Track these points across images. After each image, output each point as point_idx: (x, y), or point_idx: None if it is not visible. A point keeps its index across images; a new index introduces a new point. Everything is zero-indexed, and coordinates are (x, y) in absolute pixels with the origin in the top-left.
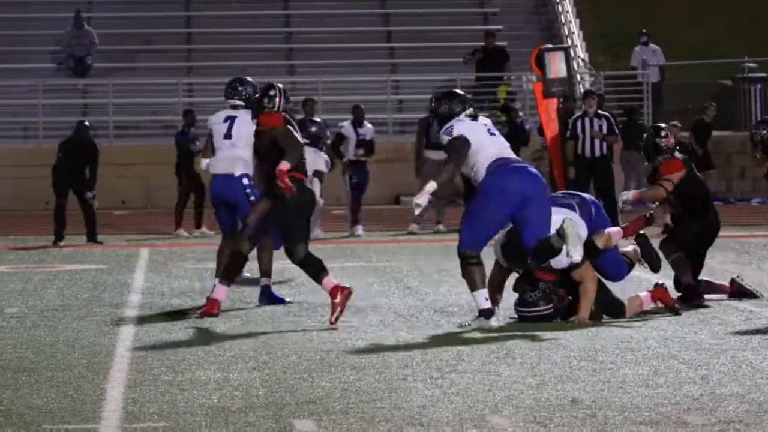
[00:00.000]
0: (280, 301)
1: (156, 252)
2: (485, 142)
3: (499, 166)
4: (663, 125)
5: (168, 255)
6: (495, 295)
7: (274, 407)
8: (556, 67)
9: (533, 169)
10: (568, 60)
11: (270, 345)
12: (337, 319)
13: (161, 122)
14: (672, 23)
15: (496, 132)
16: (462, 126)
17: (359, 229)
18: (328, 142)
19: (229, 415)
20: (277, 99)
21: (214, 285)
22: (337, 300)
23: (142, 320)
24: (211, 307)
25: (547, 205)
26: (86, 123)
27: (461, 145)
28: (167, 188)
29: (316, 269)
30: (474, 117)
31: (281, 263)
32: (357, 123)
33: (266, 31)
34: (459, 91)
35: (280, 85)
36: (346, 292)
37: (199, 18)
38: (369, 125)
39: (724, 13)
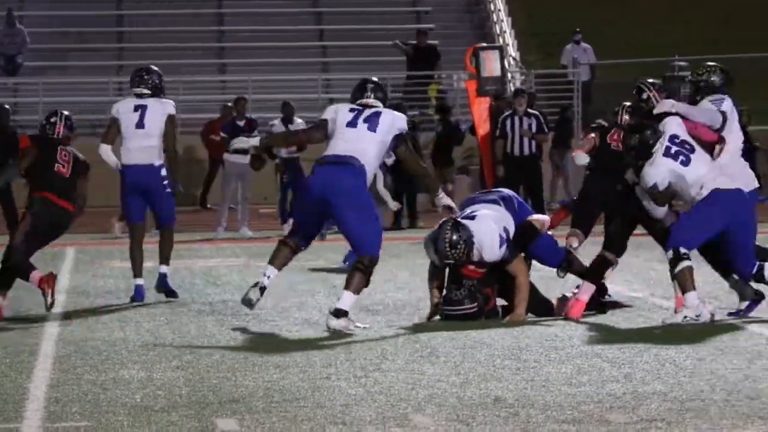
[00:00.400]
0: (173, 292)
1: (82, 251)
2: (334, 133)
3: (316, 164)
4: (628, 104)
5: (94, 254)
6: (436, 294)
7: (197, 406)
8: (491, 65)
9: (342, 168)
10: (502, 59)
11: (193, 344)
12: (51, 304)
13: (90, 121)
14: (647, 22)
15: (364, 125)
16: (330, 110)
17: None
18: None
19: (152, 414)
20: (57, 125)
21: (137, 285)
22: (48, 290)
23: (66, 320)
24: None
25: (360, 201)
26: (6, 107)
27: (318, 124)
28: (95, 187)
29: (24, 273)
30: (363, 106)
31: (211, 261)
32: (287, 120)
33: (198, 29)
34: (370, 81)
35: (66, 113)
36: (52, 280)
37: (131, 17)
38: (299, 121)
39: (699, 12)
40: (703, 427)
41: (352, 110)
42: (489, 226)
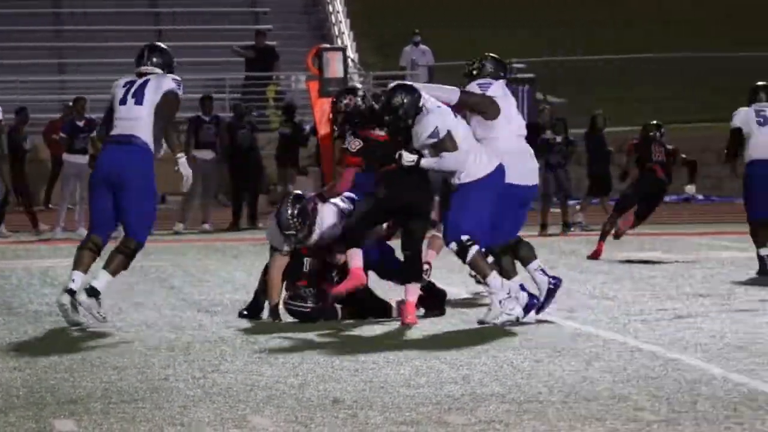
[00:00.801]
0: None
1: None
2: (114, 111)
3: (103, 144)
4: None
5: None
6: (275, 295)
7: (34, 407)
8: (334, 67)
9: (127, 148)
10: (345, 61)
11: (31, 344)
12: None
13: None
14: (486, 24)
15: (132, 101)
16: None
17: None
18: None
19: None
20: None
21: None
22: None
23: None
24: None
25: (144, 185)
26: None
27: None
28: None
29: None
30: (139, 76)
31: (48, 261)
32: None
33: (36, 29)
34: (149, 46)
35: None
36: None
37: None
38: None
39: (535, 14)
40: (541, 428)
41: (125, 85)
42: (328, 203)
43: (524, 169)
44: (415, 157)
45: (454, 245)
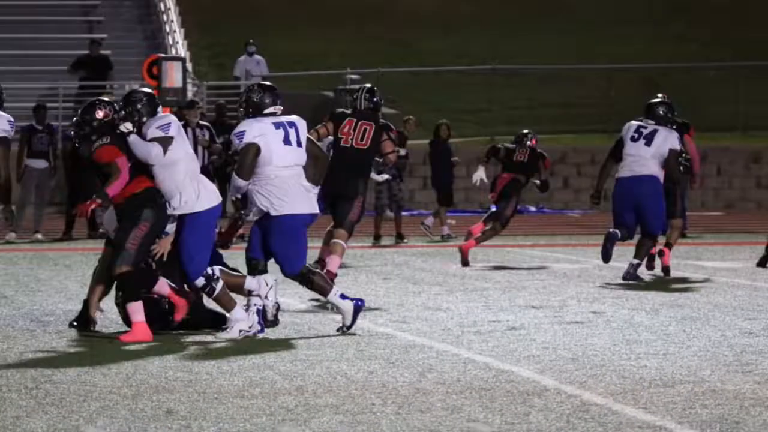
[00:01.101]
0: None
1: None
2: None
3: None
4: (368, 85)
5: None
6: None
7: None
8: (173, 76)
9: None
10: (184, 70)
11: None
12: None
13: None
14: (320, 33)
15: None
16: None
17: None
18: None
19: None
20: None
21: None
22: None
23: None
24: None
25: None
26: None
27: None
28: None
29: None
30: None
31: None
32: None
33: None
34: None
35: None
36: None
37: None
38: None
39: (376, 22)
40: None
41: None
42: None
43: (297, 202)
44: (130, 127)
45: (202, 281)
